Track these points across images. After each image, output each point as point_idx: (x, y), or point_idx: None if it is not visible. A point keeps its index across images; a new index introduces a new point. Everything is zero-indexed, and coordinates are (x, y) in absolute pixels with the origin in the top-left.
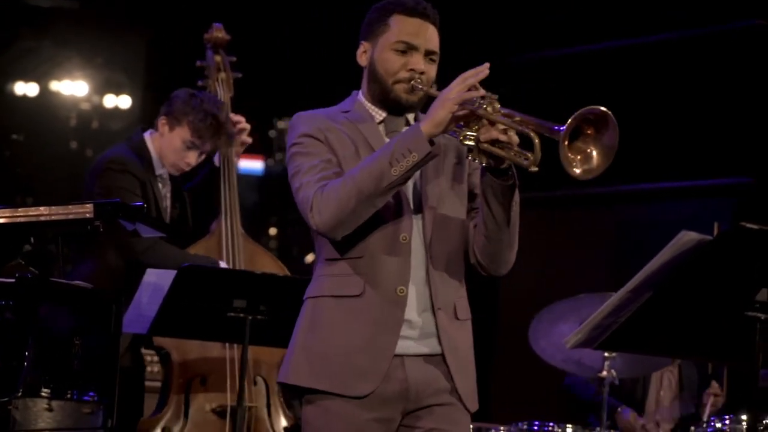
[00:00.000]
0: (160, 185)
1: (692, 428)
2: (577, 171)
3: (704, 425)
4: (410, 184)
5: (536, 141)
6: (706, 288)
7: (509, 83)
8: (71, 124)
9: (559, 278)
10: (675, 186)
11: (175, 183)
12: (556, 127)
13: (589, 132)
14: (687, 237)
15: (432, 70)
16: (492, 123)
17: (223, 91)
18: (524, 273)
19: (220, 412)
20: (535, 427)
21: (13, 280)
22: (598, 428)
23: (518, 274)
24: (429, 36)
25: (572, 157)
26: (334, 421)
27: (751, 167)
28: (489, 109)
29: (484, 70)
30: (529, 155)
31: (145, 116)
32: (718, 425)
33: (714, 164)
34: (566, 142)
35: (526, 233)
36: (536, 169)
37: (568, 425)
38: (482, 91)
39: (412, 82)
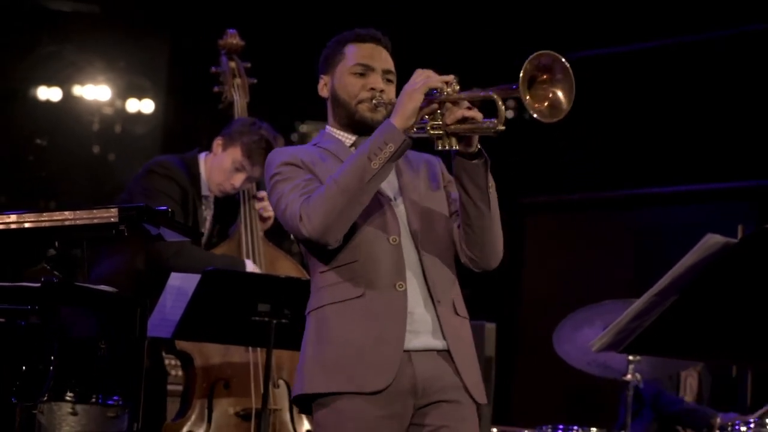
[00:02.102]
0: (203, 206)
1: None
2: (546, 113)
3: (729, 428)
4: (390, 193)
5: (499, 103)
6: (731, 291)
7: None
8: (94, 129)
9: (580, 281)
10: (697, 189)
11: (218, 208)
12: (513, 86)
13: (544, 77)
14: (712, 240)
15: (391, 90)
16: (456, 103)
17: (239, 96)
18: (546, 276)
19: (243, 416)
20: (560, 430)
21: (38, 285)
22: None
23: (540, 278)
24: (384, 58)
25: (537, 104)
26: (346, 421)
27: None
28: (450, 91)
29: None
30: (494, 120)
31: (168, 120)
32: (743, 429)
33: (736, 167)
34: (527, 96)
35: (547, 236)
36: (503, 127)
37: (592, 428)
38: (443, 78)
39: (374, 100)
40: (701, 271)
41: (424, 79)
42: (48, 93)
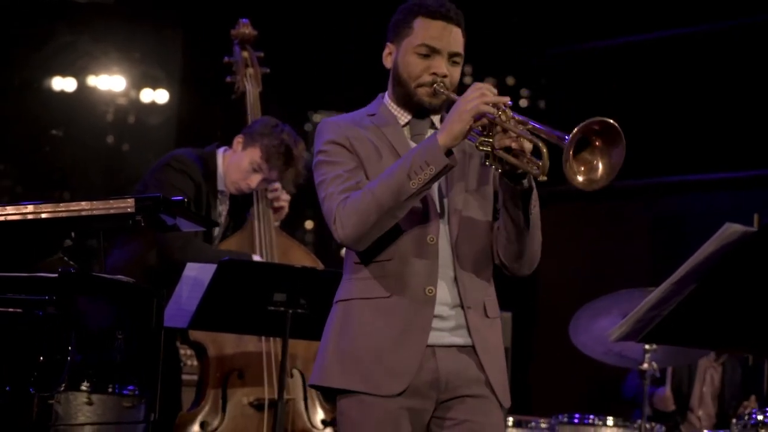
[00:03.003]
0: (218, 201)
1: (734, 420)
2: (580, 179)
3: (746, 417)
4: (435, 187)
5: (544, 150)
6: (750, 280)
7: (547, 76)
8: (108, 119)
9: (597, 270)
10: (713, 178)
11: (233, 203)
12: (565, 138)
13: (597, 143)
14: (731, 229)
15: (456, 73)
16: (505, 131)
17: (251, 86)
18: (563, 266)
19: (257, 406)
20: (576, 420)
21: (55, 275)
22: (638, 421)
23: (557, 268)
24: (452, 38)
25: (576, 167)
26: (369, 412)
27: None
28: (503, 117)
29: (505, 98)
30: (539, 163)
31: (181, 110)
32: (760, 417)
33: (752, 156)
34: (571, 152)
35: (563, 226)
36: (545, 178)
37: (608, 417)
38: (496, 100)
39: (435, 85)
40: (720, 260)
41: (477, 100)
42: (62, 84)
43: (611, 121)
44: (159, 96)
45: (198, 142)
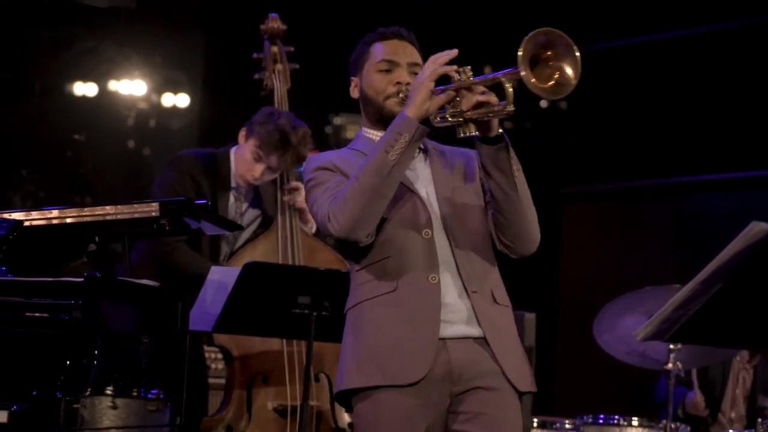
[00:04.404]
0: (232, 198)
1: (759, 420)
2: (547, 88)
3: None
4: (424, 187)
5: (506, 85)
6: None
7: None
8: (129, 124)
9: (620, 271)
10: (737, 176)
11: (260, 200)
12: (516, 68)
13: (548, 54)
14: (757, 227)
15: None
16: (470, 89)
17: (280, 83)
18: (586, 266)
19: (281, 411)
20: (601, 420)
21: (81, 280)
22: (664, 421)
23: (580, 267)
24: (408, 52)
25: (544, 85)
26: (384, 411)
27: None
28: (464, 77)
29: (452, 51)
30: (504, 102)
31: (203, 114)
32: None
33: None
34: (532, 78)
35: (586, 225)
36: (513, 108)
37: (633, 418)
38: (453, 66)
39: (401, 94)
40: (746, 259)
41: (432, 68)
42: (84, 88)
43: (541, 29)
44: (180, 100)
45: (220, 145)
